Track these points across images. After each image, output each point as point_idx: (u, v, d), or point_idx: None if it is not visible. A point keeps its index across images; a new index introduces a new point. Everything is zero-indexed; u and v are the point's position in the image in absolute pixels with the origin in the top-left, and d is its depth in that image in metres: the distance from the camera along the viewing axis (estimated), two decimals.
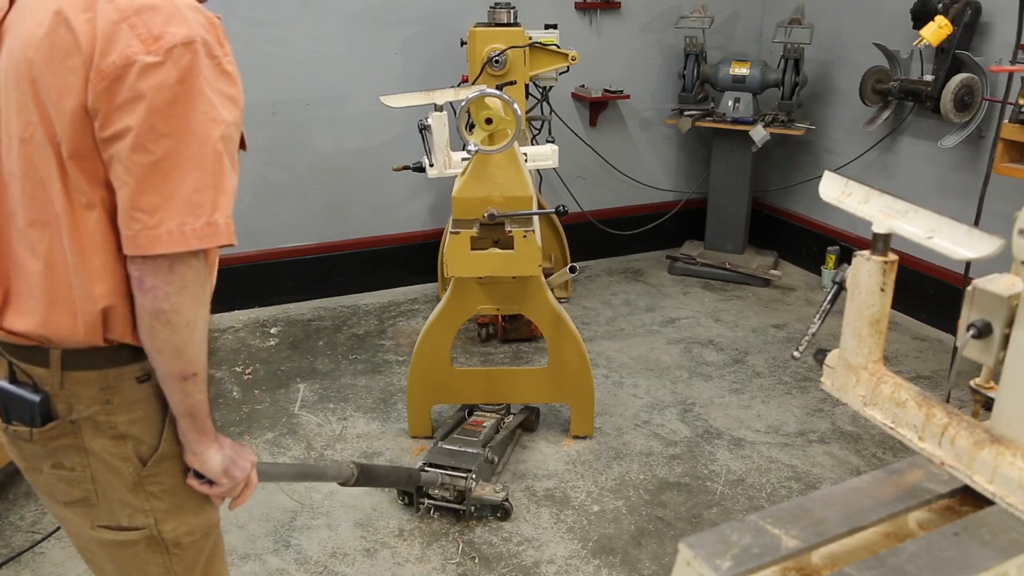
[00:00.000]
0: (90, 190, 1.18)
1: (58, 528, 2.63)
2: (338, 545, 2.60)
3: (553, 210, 2.79)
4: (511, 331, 3.94)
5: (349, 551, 2.57)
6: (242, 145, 1.29)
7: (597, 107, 4.77)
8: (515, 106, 2.66)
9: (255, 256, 4.22)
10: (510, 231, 2.74)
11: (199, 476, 1.34)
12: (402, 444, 3.13)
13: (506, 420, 3.07)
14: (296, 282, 4.35)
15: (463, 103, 2.65)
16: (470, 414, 3.09)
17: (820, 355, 1.23)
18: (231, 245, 1.21)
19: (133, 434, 1.30)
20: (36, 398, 1.25)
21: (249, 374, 3.66)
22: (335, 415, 3.34)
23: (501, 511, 2.70)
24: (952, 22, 3.55)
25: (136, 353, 1.27)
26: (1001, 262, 1.02)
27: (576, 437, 3.16)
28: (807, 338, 1.33)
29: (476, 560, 2.53)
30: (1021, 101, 3.13)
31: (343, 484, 2.04)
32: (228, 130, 1.18)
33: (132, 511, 1.34)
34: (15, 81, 1.18)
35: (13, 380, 1.28)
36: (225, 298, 4.20)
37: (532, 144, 3.88)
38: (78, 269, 1.21)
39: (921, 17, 3.73)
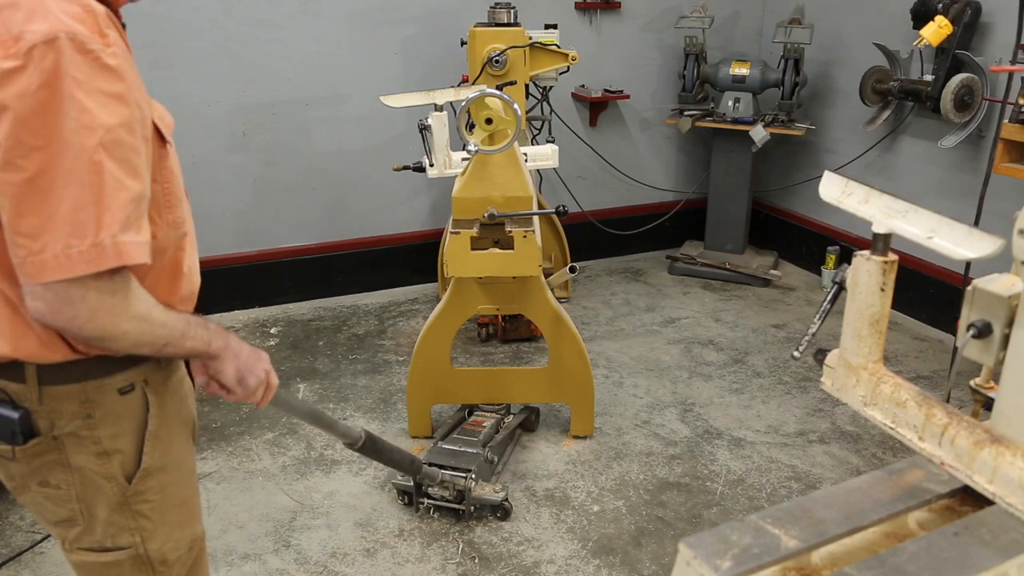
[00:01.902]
0: None
1: None
2: (338, 545, 2.60)
3: (553, 210, 2.79)
4: (511, 331, 3.94)
5: (349, 551, 2.57)
6: (162, 139, 1.20)
7: (597, 107, 4.77)
8: (515, 106, 2.66)
9: (255, 256, 4.22)
10: (510, 231, 2.74)
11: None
12: (402, 444, 3.12)
13: (506, 420, 3.07)
14: (296, 282, 4.35)
15: (463, 103, 2.65)
16: (470, 414, 3.09)
17: (820, 355, 1.23)
18: (133, 265, 1.09)
19: (118, 448, 1.27)
20: (15, 415, 1.20)
21: None
22: (335, 415, 3.34)
23: (501, 511, 2.70)
24: (952, 22, 3.55)
25: (116, 363, 1.23)
26: (1001, 262, 1.02)
27: (576, 437, 3.16)
28: (807, 338, 1.33)
29: (476, 560, 2.53)
30: (1021, 101, 3.13)
31: (348, 445, 2.08)
32: (112, 135, 1.04)
33: (117, 530, 1.31)
34: None
35: None
36: (225, 298, 4.21)
37: (532, 144, 3.88)
38: (10, 289, 1.15)
39: (921, 17, 3.73)
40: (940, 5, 3.63)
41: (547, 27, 3.99)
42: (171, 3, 3.71)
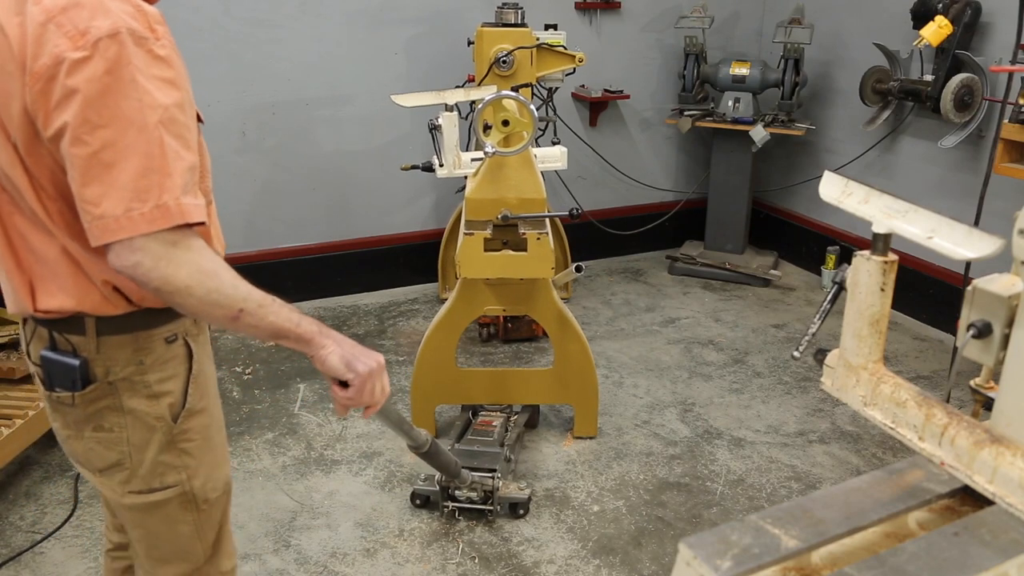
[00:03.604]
0: (51, 186, 1.24)
1: (58, 528, 2.64)
2: (338, 545, 2.60)
3: (567, 212, 2.80)
4: (513, 331, 3.94)
5: (349, 551, 2.57)
6: (199, 119, 1.34)
7: (597, 107, 4.77)
8: (531, 108, 2.66)
9: (255, 256, 4.22)
10: (523, 233, 2.74)
11: (342, 383, 1.38)
12: (402, 444, 3.11)
13: (512, 419, 3.07)
14: (296, 282, 4.35)
15: (480, 105, 2.64)
16: (474, 415, 3.09)
17: (820, 355, 1.22)
18: (196, 223, 1.21)
19: (166, 391, 1.41)
20: (76, 362, 1.34)
21: (249, 374, 3.66)
22: (335, 415, 3.34)
23: (524, 509, 2.70)
24: (952, 22, 3.55)
25: (163, 315, 1.37)
26: (1001, 262, 1.02)
27: (579, 437, 3.16)
28: (807, 338, 1.33)
29: (476, 560, 2.53)
30: (1021, 101, 3.13)
31: (414, 449, 2.07)
32: (169, 113, 1.19)
33: (164, 469, 1.44)
34: None
35: (54, 348, 1.36)
36: None
37: (535, 145, 3.87)
38: (79, 251, 1.28)
39: (921, 17, 3.73)
40: (940, 5, 3.63)
41: (547, 27, 3.99)
42: (171, 3, 3.70)
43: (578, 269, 3.08)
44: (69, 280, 1.31)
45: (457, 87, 3.77)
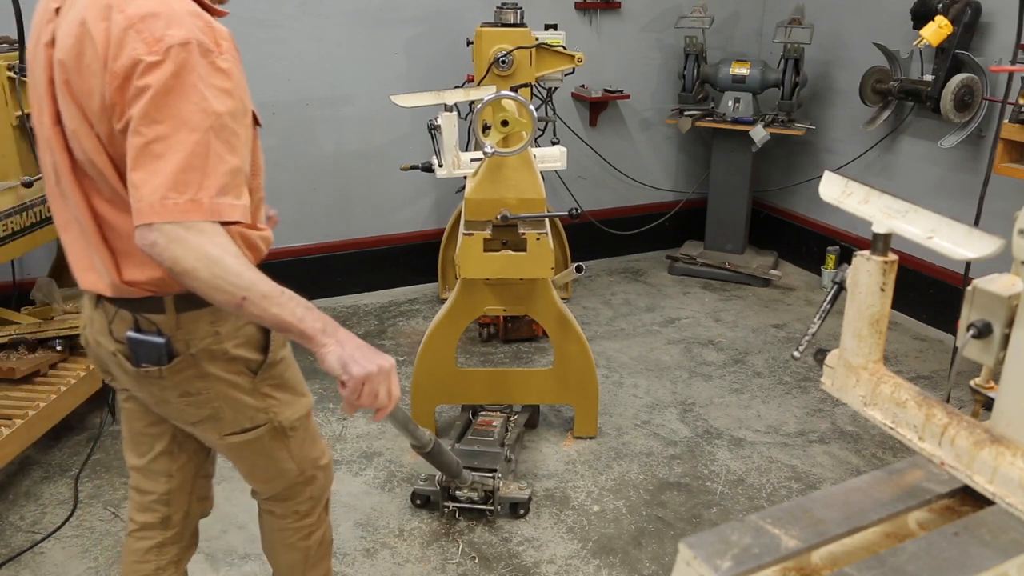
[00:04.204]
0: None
1: (58, 528, 2.64)
2: (338, 545, 2.59)
3: (566, 212, 2.79)
4: (513, 331, 3.94)
5: (349, 551, 2.57)
6: (256, 121, 1.52)
7: (597, 107, 4.77)
8: (531, 108, 2.66)
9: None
10: (523, 233, 2.74)
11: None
12: (402, 444, 3.12)
13: (512, 419, 3.07)
14: (296, 282, 4.27)
15: (480, 105, 2.64)
16: (474, 415, 3.09)
17: (820, 355, 1.22)
18: (225, 220, 1.32)
19: (241, 355, 1.57)
20: (162, 340, 1.49)
21: None
22: (335, 415, 3.34)
23: (524, 509, 2.70)
24: (952, 22, 3.55)
25: None
26: (1001, 262, 1.02)
27: (579, 438, 3.16)
28: (807, 338, 1.33)
29: (476, 560, 2.53)
30: (1021, 101, 3.13)
31: (417, 449, 2.09)
32: (221, 120, 1.31)
33: (254, 412, 1.63)
34: (59, 82, 1.38)
35: (139, 329, 1.50)
36: None
37: (535, 145, 3.87)
38: None
39: (921, 17, 3.73)
40: (940, 5, 3.63)
41: (547, 27, 3.99)
42: None
43: (578, 269, 3.08)
44: (149, 261, 1.40)
45: (456, 87, 3.77)
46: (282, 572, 1.97)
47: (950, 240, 0.99)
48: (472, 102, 3.04)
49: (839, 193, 1.14)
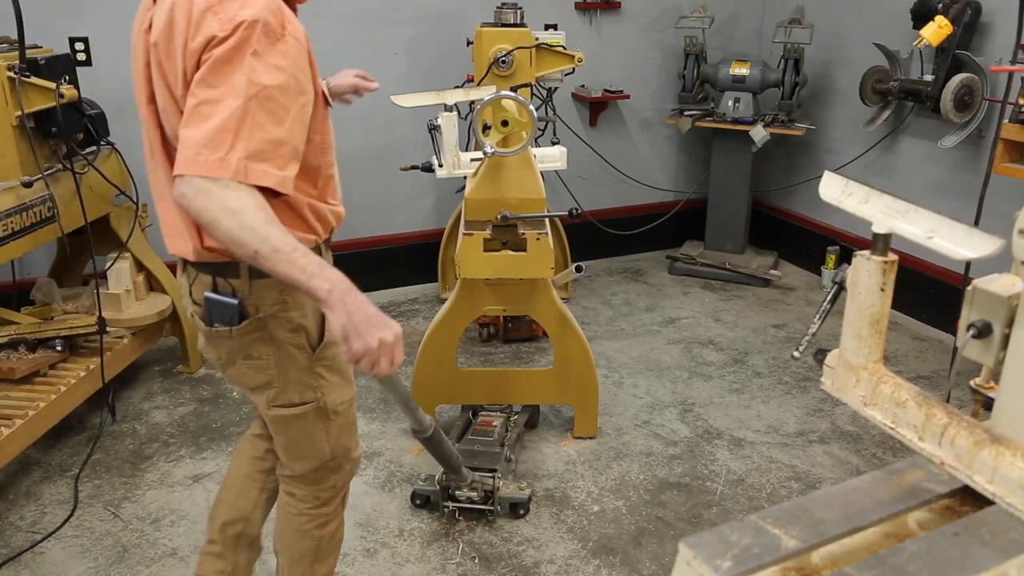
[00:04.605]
0: None
1: (58, 528, 2.64)
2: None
3: (566, 212, 2.79)
4: (513, 331, 3.94)
5: (349, 551, 2.57)
6: (326, 102, 1.68)
7: (597, 107, 4.77)
8: (531, 108, 2.66)
9: None
10: (523, 233, 2.74)
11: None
12: (402, 444, 3.13)
13: (512, 419, 3.07)
14: None
15: (479, 106, 2.64)
16: (474, 415, 3.09)
17: (820, 355, 1.22)
18: (254, 184, 1.39)
19: (305, 326, 1.68)
20: (235, 302, 1.62)
21: None
22: None
23: (524, 509, 2.70)
24: (952, 22, 3.55)
25: None
26: (1001, 262, 1.02)
27: (579, 437, 3.16)
28: (807, 338, 1.33)
29: (476, 560, 2.53)
30: (1021, 101, 3.13)
31: (416, 434, 2.11)
32: (267, 92, 1.41)
33: (304, 388, 1.73)
34: (153, 64, 1.51)
35: (216, 290, 1.64)
36: None
37: (535, 145, 3.87)
38: None
39: (921, 17, 3.73)
40: (940, 5, 3.63)
41: (547, 27, 3.99)
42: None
43: (578, 269, 3.08)
44: None
45: (456, 87, 3.77)
46: (291, 562, 2.00)
47: (950, 240, 0.99)
48: (472, 102, 3.04)
49: (839, 193, 1.14)
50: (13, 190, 2.75)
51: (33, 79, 2.77)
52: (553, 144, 3.57)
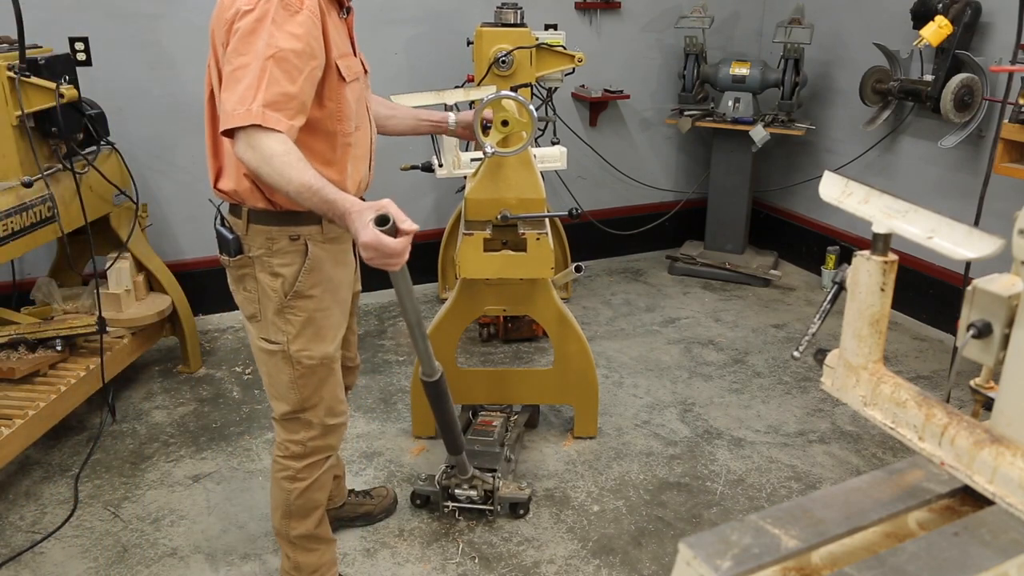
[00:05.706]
0: None
1: (58, 528, 2.64)
2: (338, 545, 2.59)
3: (566, 212, 2.79)
4: (513, 331, 3.94)
5: (349, 551, 2.57)
6: (341, 77, 1.84)
7: (597, 107, 4.77)
8: (531, 108, 2.66)
9: None
10: (523, 233, 2.74)
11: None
12: (402, 444, 3.13)
13: (512, 419, 3.07)
14: None
15: (480, 106, 2.64)
16: (474, 415, 3.09)
17: (820, 355, 1.22)
18: (270, 127, 1.65)
19: (282, 273, 1.93)
20: (232, 236, 1.93)
21: (249, 374, 3.66)
22: None
23: (524, 509, 2.70)
24: (952, 22, 3.55)
25: (291, 218, 1.89)
26: (1001, 262, 1.02)
27: (579, 437, 3.16)
28: (807, 338, 1.33)
29: (476, 560, 2.53)
30: (1021, 101, 3.13)
31: (424, 377, 2.20)
32: (283, 53, 1.68)
33: (275, 330, 1.98)
34: (212, 46, 1.82)
35: (223, 224, 1.96)
36: (225, 298, 4.20)
37: (535, 145, 3.87)
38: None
39: (921, 17, 3.73)
40: (940, 5, 3.63)
41: (547, 27, 3.98)
42: (171, 3, 3.72)
43: (578, 269, 3.08)
44: (234, 170, 1.88)
45: (457, 87, 3.77)
46: (272, 508, 2.23)
47: (950, 240, 0.99)
48: (472, 102, 3.04)
49: (839, 193, 1.14)
50: (13, 190, 2.75)
51: (33, 79, 2.77)
52: (553, 144, 3.57)
